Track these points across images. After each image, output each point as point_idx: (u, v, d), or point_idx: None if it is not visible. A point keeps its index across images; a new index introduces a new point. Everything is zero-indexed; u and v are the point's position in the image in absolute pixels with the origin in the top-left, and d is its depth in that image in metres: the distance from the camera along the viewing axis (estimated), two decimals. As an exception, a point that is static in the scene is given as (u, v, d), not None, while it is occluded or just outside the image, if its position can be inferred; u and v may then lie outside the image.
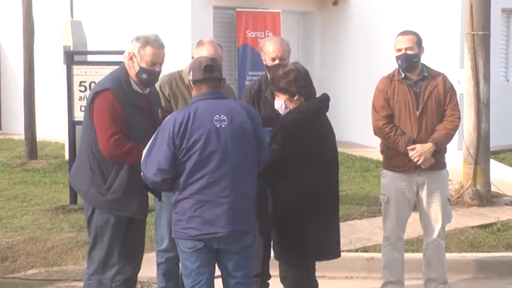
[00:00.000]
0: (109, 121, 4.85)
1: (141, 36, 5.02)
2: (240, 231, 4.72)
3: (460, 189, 9.78)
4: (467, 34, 9.88)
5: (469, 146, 9.85)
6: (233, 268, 4.81)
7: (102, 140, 4.87)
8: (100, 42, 13.65)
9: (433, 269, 6.32)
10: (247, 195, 4.75)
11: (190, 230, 4.64)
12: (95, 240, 5.07)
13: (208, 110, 4.65)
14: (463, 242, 7.84)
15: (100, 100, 4.89)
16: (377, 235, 7.63)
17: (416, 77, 6.16)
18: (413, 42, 6.10)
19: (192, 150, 4.58)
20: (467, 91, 9.90)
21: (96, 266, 5.07)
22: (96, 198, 4.99)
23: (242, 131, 4.70)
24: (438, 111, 6.11)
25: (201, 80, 4.73)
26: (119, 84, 4.95)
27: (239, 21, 14.44)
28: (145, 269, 6.49)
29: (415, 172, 6.13)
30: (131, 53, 4.99)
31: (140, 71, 4.97)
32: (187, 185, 4.62)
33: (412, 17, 13.80)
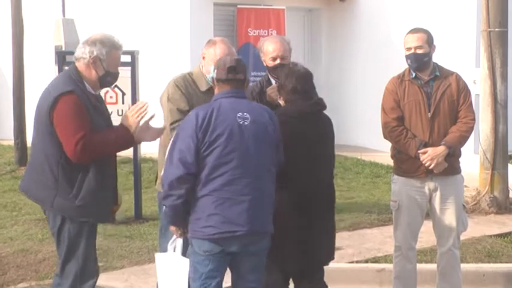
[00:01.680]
0: (76, 124, 4.89)
1: (104, 39, 5.12)
2: (258, 231, 4.86)
3: (477, 196, 9.79)
4: (483, 31, 9.90)
5: (485, 149, 9.86)
6: (247, 271, 4.92)
7: (69, 146, 4.89)
8: (93, 42, 13.65)
9: (447, 280, 6.32)
10: (267, 196, 4.90)
11: (209, 228, 4.77)
12: (68, 252, 5.06)
13: (232, 107, 4.85)
14: (479, 252, 7.84)
15: (64, 103, 4.91)
16: (388, 245, 7.63)
17: (428, 76, 6.16)
18: (423, 40, 6.10)
19: (214, 144, 4.75)
20: (483, 91, 9.91)
21: (73, 279, 5.06)
22: (64, 207, 5.00)
23: (264, 131, 4.90)
24: (451, 112, 6.11)
25: (224, 80, 4.94)
26: (76, 86, 5.01)
27: (241, 18, 14.45)
28: (141, 281, 6.53)
29: (427, 177, 6.13)
30: (95, 57, 5.06)
31: (106, 74, 5.12)
32: (208, 181, 4.76)
33: (425, 14, 13.80)
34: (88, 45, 5.08)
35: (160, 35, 13.83)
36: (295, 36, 15.30)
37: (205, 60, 5.69)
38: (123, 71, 9.12)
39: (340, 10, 15.56)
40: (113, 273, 7.29)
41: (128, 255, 7.74)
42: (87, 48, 5.07)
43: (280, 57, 5.98)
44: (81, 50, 5.11)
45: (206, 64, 5.67)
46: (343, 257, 7.61)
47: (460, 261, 6.40)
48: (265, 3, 14.80)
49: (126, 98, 9.11)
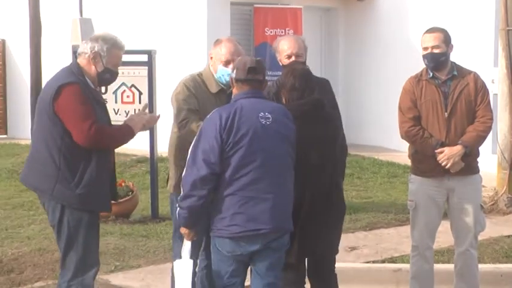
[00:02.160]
0: (85, 110, 4.99)
1: (107, 37, 5.23)
2: (281, 228, 4.95)
3: (494, 196, 9.76)
4: (501, 30, 9.87)
5: (503, 149, 9.82)
6: (268, 267, 4.99)
7: (81, 131, 4.96)
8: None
9: (464, 281, 6.29)
10: (288, 193, 5.00)
11: (233, 227, 4.84)
12: (68, 243, 5.11)
13: (253, 107, 4.91)
14: (497, 252, 7.81)
15: (68, 93, 5.00)
16: (405, 245, 7.61)
17: (445, 76, 6.13)
18: (440, 40, 6.07)
19: (239, 144, 4.81)
20: (501, 91, 9.88)
21: (74, 270, 5.10)
22: (64, 195, 5.06)
23: (285, 130, 4.99)
24: (468, 112, 6.07)
25: (243, 80, 4.98)
26: (78, 79, 5.10)
27: (257, 18, 14.46)
28: (158, 281, 6.54)
29: (445, 177, 6.11)
30: (95, 53, 5.15)
31: (104, 71, 5.20)
32: (233, 181, 4.83)
33: (443, 13, 13.75)
34: (90, 41, 5.19)
35: (177, 35, 13.85)
36: (312, 36, 15.30)
37: (213, 60, 5.69)
38: (140, 71, 9.20)
39: (357, 10, 15.53)
40: (130, 272, 7.31)
41: (144, 255, 7.76)
42: (89, 43, 5.18)
43: (295, 54, 5.97)
44: (83, 46, 5.22)
45: (214, 64, 5.67)
46: (359, 257, 7.60)
47: (477, 262, 6.37)
48: (282, 2, 14.79)
49: (143, 98, 9.12)
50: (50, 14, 15.07)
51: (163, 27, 14.23)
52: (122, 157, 13.21)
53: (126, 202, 9.23)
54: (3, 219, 9.37)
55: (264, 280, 5.02)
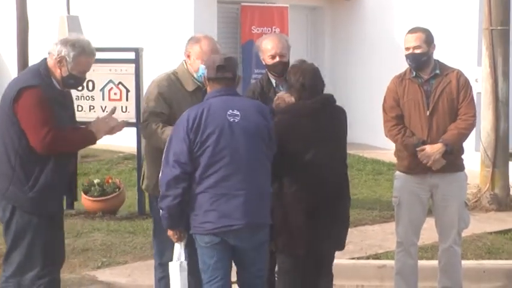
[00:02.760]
0: (42, 117, 4.95)
1: (76, 42, 5.14)
2: (255, 223, 4.99)
3: (478, 193, 9.80)
4: (485, 29, 9.90)
5: (486, 147, 9.86)
6: (249, 263, 5.10)
7: (37, 138, 4.95)
8: (98, 39, 13.66)
9: (448, 276, 6.34)
10: (262, 189, 5.03)
11: (207, 224, 4.92)
12: (14, 241, 5.12)
13: (222, 106, 4.96)
14: (480, 249, 7.85)
15: (27, 96, 4.97)
16: (389, 241, 7.65)
17: (428, 75, 6.16)
18: (421, 40, 6.09)
19: (206, 143, 4.88)
20: (485, 89, 9.91)
21: (15, 269, 5.12)
22: (16, 197, 5.05)
23: (255, 127, 5.00)
24: (451, 110, 6.10)
25: (214, 79, 5.05)
26: (43, 81, 5.06)
27: (244, 16, 14.45)
28: (145, 277, 6.54)
29: (427, 174, 6.15)
30: (61, 57, 5.10)
31: (69, 76, 5.15)
32: (203, 179, 4.90)
33: (428, 12, 13.79)
34: (61, 44, 5.13)
35: (164, 32, 13.83)
36: (298, 35, 15.33)
37: (191, 59, 5.62)
38: (128, 68, 9.19)
39: (343, 9, 15.55)
40: (116, 268, 7.32)
41: (131, 251, 7.76)
42: (58, 46, 5.13)
43: (279, 54, 5.95)
44: (53, 47, 5.17)
45: (193, 62, 5.61)
46: (344, 253, 7.57)
47: (460, 258, 6.41)
48: (268, 1, 14.79)
49: (130, 95, 9.12)
50: (37, 11, 15.01)
51: (150, 25, 14.21)
52: (109, 154, 13.22)
53: (113, 199, 9.23)
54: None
55: (249, 275, 5.14)
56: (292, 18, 14.83)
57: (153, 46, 12.66)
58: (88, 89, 9.24)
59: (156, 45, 13.22)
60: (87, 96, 9.26)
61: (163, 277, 5.70)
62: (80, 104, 9.14)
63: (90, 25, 13.81)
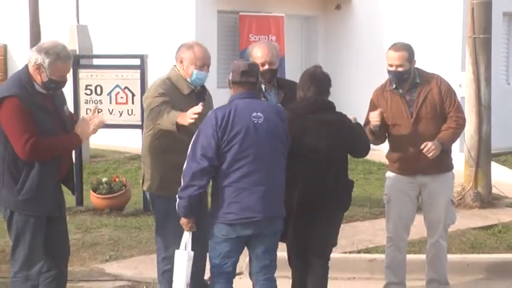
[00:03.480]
0: (21, 126, 4.88)
1: (49, 49, 5.01)
2: (273, 216, 5.12)
3: (462, 191, 9.80)
4: (468, 38, 9.89)
5: (470, 148, 9.86)
6: (263, 251, 5.18)
7: (18, 146, 4.89)
8: (105, 46, 13.69)
9: (434, 269, 6.33)
10: (279, 184, 5.14)
11: (229, 214, 5.03)
12: (16, 240, 5.09)
13: (247, 107, 5.05)
14: (464, 244, 7.84)
15: (7, 106, 4.90)
16: (379, 237, 7.64)
17: (409, 86, 6.10)
18: (404, 59, 6.00)
19: (233, 141, 4.98)
20: (468, 94, 9.91)
21: (21, 264, 5.10)
22: (9, 200, 5.03)
23: (275, 128, 5.11)
24: (434, 116, 6.05)
25: (238, 83, 5.14)
26: (23, 88, 4.97)
27: (242, 25, 14.45)
28: (150, 269, 6.53)
29: (417, 175, 6.13)
30: (38, 64, 4.99)
31: (49, 81, 5.04)
32: (228, 174, 5.00)
33: (415, 21, 13.81)
34: (36, 51, 5.03)
35: (167, 40, 13.79)
36: (293, 42, 15.34)
37: (185, 64, 5.57)
38: (133, 73, 9.18)
39: (335, 18, 15.55)
40: (123, 261, 7.31)
41: (136, 245, 7.75)
42: (34, 54, 5.03)
43: (268, 62, 5.92)
44: (29, 55, 5.08)
45: (186, 68, 5.57)
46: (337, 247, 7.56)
47: (446, 252, 6.41)
48: (265, 10, 14.79)
49: (136, 99, 9.10)
50: (49, 20, 15.01)
51: (155, 33, 14.20)
52: (116, 154, 13.23)
53: (119, 196, 9.22)
54: (5, 212, 9.31)
55: (260, 263, 5.22)
56: (287, 26, 14.83)
57: (157, 53, 12.62)
58: (96, 93, 9.23)
59: (159, 52, 13.16)
60: (96, 100, 9.24)
61: (166, 270, 5.69)
62: (89, 108, 9.13)
63: (98, 33, 13.80)
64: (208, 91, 5.83)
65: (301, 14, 15.66)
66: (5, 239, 7.84)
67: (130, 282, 6.74)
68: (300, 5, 15.43)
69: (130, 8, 14.95)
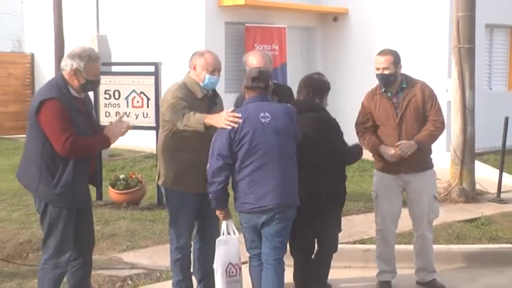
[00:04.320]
0: (61, 125, 4.93)
1: (81, 54, 5.09)
2: (285, 204, 5.20)
3: (448, 187, 9.79)
4: (454, 47, 9.89)
5: (456, 148, 9.85)
6: (273, 234, 5.25)
7: (58, 144, 4.93)
8: (123, 55, 13.71)
9: (421, 259, 6.33)
10: (290, 176, 5.22)
11: (246, 204, 5.20)
12: (49, 230, 5.12)
13: (256, 110, 5.19)
14: (450, 235, 7.83)
15: (47, 108, 4.95)
16: (373, 229, 7.52)
17: (396, 89, 6.12)
18: (389, 62, 6.03)
19: (243, 141, 5.13)
20: (454, 99, 9.90)
21: (52, 252, 5.12)
22: (46, 194, 5.05)
23: (282, 126, 5.20)
24: (417, 118, 6.06)
25: (250, 87, 5.30)
26: (61, 92, 5.02)
27: (248, 35, 14.46)
28: (163, 258, 6.54)
29: (400, 173, 6.13)
30: (75, 69, 5.05)
31: (86, 82, 5.12)
32: (241, 169, 5.17)
33: (405, 32, 13.81)
34: (69, 58, 5.10)
35: (179, 49, 13.84)
36: (294, 50, 15.35)
37: (198, 70, 5.57)
38: (148, 80, 9.19)
39: (333, 29, 15.57)
40: (139, 251, 7.31)
41: (151, 236, 7.74)
42: (68, 61, 5.09)
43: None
44: (64, 63, 5.13)
45: (199, 73, 5.56)
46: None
47: (432, 243, 6.41)
48: (269, 22, 14.81)
49: (151, 103, 9.11)
50: (72, 31, 15.04)
51: (168, 42, 14.22)
52: (133, 153, 13.24)
53: (136, 191, 9.21)
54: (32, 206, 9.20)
55: (271, 244, 5.28)
56: (289, 36, 14.86)
57: (170, 61, 12.65)
58: (115, 98, 9.24)
59: (172, 60, 13.21)
60: (114, 104, 9.25)
61: (178, 259, 5.70)
62: (108, 111, 9.16)
63: (116, 43, 13.82)
64: (219, 96, 5.83)
65: (301, 26, 15.66)
66: (32, 230, 7.89)
67: (145, 270, 6.74)
68: (300, 17, 15.44)
69: (146, 20, 14.97)
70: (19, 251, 7.36)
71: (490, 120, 13.85)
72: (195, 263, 5.82)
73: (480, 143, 11.15)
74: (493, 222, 8.45)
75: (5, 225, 8.20)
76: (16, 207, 9.20)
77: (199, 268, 5.83)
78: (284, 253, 5.38)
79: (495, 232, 8.01)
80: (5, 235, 7.74)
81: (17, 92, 17.76)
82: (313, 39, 15.86)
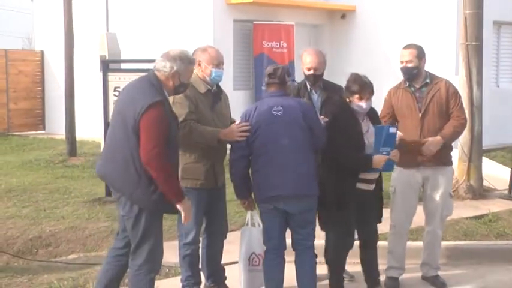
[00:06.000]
0: (157, 133, 4.70)
1: (183, 56, 4.99)
2: (299, 194, 5.30)
3: (456, 184, 9.75)
4: (461, 44, 9.84)
5: (463, 145, 9.82)
6: (297, 226, 5.38)
7: (145, 148, 4.71)
8: (132, 52, 13.71)
9: (428, 254, 6.34)
10: (304, 166, 5.31)
11: (262, 194, 5.35)
12: (143, 236, 4.90)
13: (270, 104, 5.37)
14: (458, 232, 7.80)
15: (154, 112, 4.71)
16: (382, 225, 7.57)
17: (420, 84, 6.13)
18: (413, 55, 6.06)
19: (256, 133, 5.31)
20: (461, 96, 9.80)
21: (146, 257, 4.92)
22: (142, 199, 4.82)
23: (294, 118, 5.32)
24: (440, 113, 6.07)
25: (267, 83, 5.52)
26: (163, 95, 4.88)
27: (256, 32, 14.44)
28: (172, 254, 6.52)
29: (420, 168, 6.12)
30: (175, 71, 4.91)
31: (180, 85, 4.99)
32: (256, 161, 5.35)
33: (412, 29, 13.77)
34: (169, 60, 4.94)
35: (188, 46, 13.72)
36: (302, 48, 15.21)
37: (203, 65, 5.56)
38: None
39: (340, 26, 15.54)
40: (148, 247, 7.28)
41: (160, 232, 7.72)
42: (168, 63, 4.92)
43: (313, 68, 6.05)
44: (162, 64, 4.94)
45: (205, 68, 5.56)
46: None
47: (441, 240, 6.40)
48: (277, 19, 14.78)
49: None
50: (82, 28, 15.06)
51: (176, 40, 14.19)
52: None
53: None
54: (42, 202, 9.37)
55: (298, 235, 5.41)
56: (297, 34, 14.82)
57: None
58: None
59: (181, 58, 13.23)
60: (123, 101, 9.23)
61: (187, 255, 5.70)
62: (117, 108, 9.14)
63: (125, 40, 13.82)
64: (224, 91, 5.82)
65: (309, 23, 15.63)
66: (41, 226, 7.92)
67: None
68: (308, 15, 15.41)
69: (154, 18, 14.97)
70: (29, 246, 7.39)
71: (498, 117, 13.84)
72: (204, 259, 5.82)
73: (487, 140, 11.13)
74: (500, 219, 8.40)
75: (15, 221, 8.22)
76: (26, 203, 9.23)
77: (207, 264, 5.83)
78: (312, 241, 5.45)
79: (502, 229, 7.97)
80: (16, 231, 7.77)
81: (27, 89, 17.81)
82: (321, 36, 15.83)
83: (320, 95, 6.13)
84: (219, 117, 5.60)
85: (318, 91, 6.14)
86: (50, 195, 9.76)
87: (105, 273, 5.18)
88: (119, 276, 5.21)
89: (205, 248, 5.82)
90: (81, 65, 15.20)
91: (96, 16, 15.91)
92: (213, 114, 5.56)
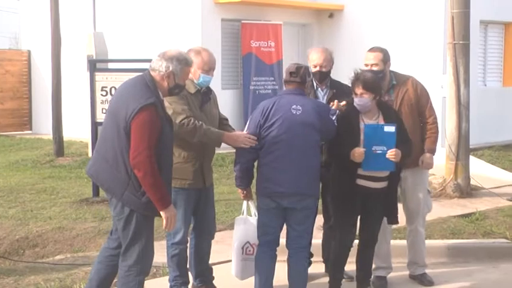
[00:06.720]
0: (147, 136, 4.63)
1: (180, 57, 4.90)
2: (301, 192, 5.34)
3: (443, 183, 9.80)
4: (449, 43, 9.88)
5: (450, 144, 9.86)
6: (295, 222, 5.41)
7: (134, 151, 4.65)
8: (119, 52, 13.68)
9: (413, 253, 6.35)
10: (310, 167, 5.38)
11: (267, 188, 5.37)
12: (133, 237, 4.86)
13: (289, 101, 5.40)
14: (445, 230, 7.84)
15: (145, 115, 4.64)
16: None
17: (387, 86, 6.08)
18: (378, 59, 6.04)
19: (271, 128, 5.33)
20: (449, 95, 9.90)
21: (136, 258, 4.88)
22: (132, 201, 4.77)
23: (312, 120, 5.36)
24: (412, 113, 6.07)
25: (287, 81, 5.54)
26: (157, 97, 4.81)
27: (244, 32, 14.44)
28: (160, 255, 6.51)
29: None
30: (169, 72, 4.84)
31: (175, 86, 4.91)
32: (266, 154, 5.36)
33: (400, 28, 13.81)
34: (165, 60, 4.85)
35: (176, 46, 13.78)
36: (290, 47, 15.33)
37: (193, 68, 5.44)
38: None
39: (328, 25, 15.56)
40: (136, 247, 7.27)
41: (148, 232, 7.71)
42: (164, 62, 4.84)
43: (319, 65, 6.08)
44: (158, 63, 4.86)
45: (194, 71, 5.49)
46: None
47: (424, 237, 6.43)
48: (265, 19, 14.79)
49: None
50: (69, 28, 15.01)
51: (164, 39, 14.18)
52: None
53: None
54: (29, 202, 9.34)
55: (294, 233, 5.42)
56: (285, 33, 14.84)
57: (167, 58, 12.65)
58: (111, 94, 9.14)
59: (169, 57, 13.21)
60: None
61: (174, 255, 5.68)
62: (104, 107, 9.09)
63: (113, 40, 13.80)
64: (213, 91, 5.82)
65: (297, 22, 15.64)
66: (28, 226, 7.89)
67: (142, 266, 6.71)
68: (296, 14, 15.43)
69: (142, 17, 14.94)
70: (16, 247, 7.36)
71: (485, 115, 13.89)
72: (191, 259, 5.81)
73: (475, 139, 11.17)
74: (487, 218, 8.45)
75: (1, 222, 8.19)
76: (13, 204, 9.20)
77: (195, 264, 5.83)
78: (308, 240, 5.50)
79: (489, 227, 8.02)
80: (2, 232, 7.74)
81: (14, 89, 17.72)
82: (309, 35, 15.84)
83: (326, 93, 6.13)
84: (208, 117, 5.60)
85: (325, 89, 6.15)
86: (37, 196, 9.73)
87: (97, 272, 5.13)
88: (111, 277, 5.17)
89: (193, 248, 5.81)
90: (68, 65, 15.15)
91: (83, 15, 15.84)
92: (202, 114, 5.55)
